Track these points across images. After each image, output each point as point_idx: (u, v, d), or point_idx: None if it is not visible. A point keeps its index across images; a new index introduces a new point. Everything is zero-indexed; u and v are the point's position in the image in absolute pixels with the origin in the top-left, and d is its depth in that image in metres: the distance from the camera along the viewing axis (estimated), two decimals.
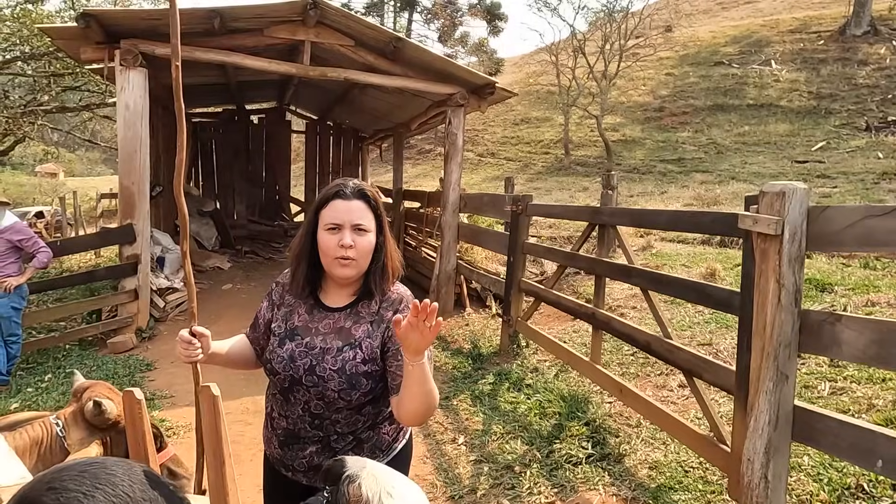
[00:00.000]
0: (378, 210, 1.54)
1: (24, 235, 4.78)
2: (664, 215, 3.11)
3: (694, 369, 2.75)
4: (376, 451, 1.56)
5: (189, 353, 1.48)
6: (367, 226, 1.50)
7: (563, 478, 3.16)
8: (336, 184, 1.55)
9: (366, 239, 1.49)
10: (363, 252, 1.49)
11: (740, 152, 21.78)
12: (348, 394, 1.46)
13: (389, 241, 1.56)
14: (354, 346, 1.48)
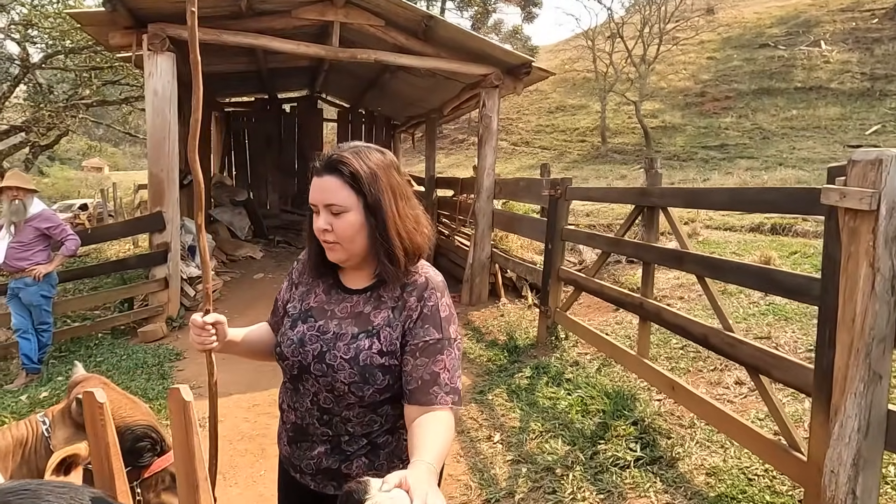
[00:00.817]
0: (358, 185, 1.23)
1: (51, 223, 4.72)
2: (724, 193, 2.78)
3: (761, 366, 2.43)
4: (394, 459, 1.33)
5: (202, 341, 1.35)
6: (342, 205, 1.23)
7: (609, 482, 2.89)
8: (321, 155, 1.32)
9: (344, 221, 1.24)
10: (343, 235, 1.25)
11: (787, 137, 20.82)
12: (360, 388, 1.25)
13: (392, 219, 1.25)
14: (371, 335, 1.26)
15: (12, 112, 16.88)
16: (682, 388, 3.10)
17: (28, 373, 4.76)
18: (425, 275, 1.32)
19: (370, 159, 1.26)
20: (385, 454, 1.33)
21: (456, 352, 1.27)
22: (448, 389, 1.22)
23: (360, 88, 11.11)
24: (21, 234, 4.63)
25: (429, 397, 1.21)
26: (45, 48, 15.50)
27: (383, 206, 1.25)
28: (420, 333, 1.25)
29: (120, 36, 5.65)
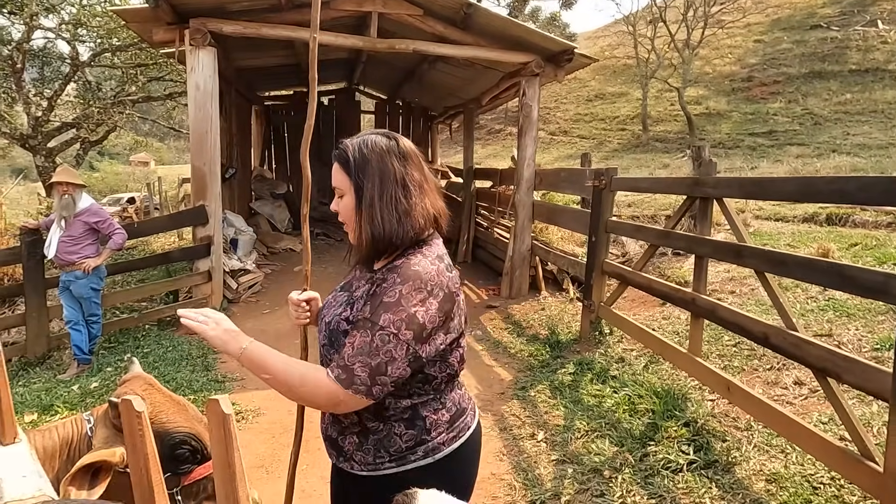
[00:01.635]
0: (348, 168, 1.31)
1: (99, 217, 4.82)
2: (791, 183, 2.59)
3: (831, 368, 2.27)
4: (381, 450, 1.30)
5: (298, 316, 1.51)
6: (340, 187, 1.35)
7: (660, 486, 2.76)
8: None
9: (343, 203, 1.35)
10: (346, 216, 1.36)
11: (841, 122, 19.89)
12: (328, 351, 1.33)
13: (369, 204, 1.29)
14: (349, 304, 1.34)
15: (63, 109, 17.48)
16: (738, 388, 2.94)
17: (79, 363, 4.89)
18: (406, 262, 1.27)
19: (367, 146, 1.33)
20: (374, 441, 1.30)
21: (375, 339, 1.19)
22: (341, 365, 1.19)
23: (397, 79, 11.06)
24: (71, 229, 4.75)
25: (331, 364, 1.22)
26: (94, 46, 15.98)
27: (364, 192, 1.30)
28: (359, 308, 1.28)
29: (163, 32, 5.72)
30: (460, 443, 1.35)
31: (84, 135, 16.67)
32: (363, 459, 1.31)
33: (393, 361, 1.19)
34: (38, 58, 16.15)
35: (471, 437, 1.39)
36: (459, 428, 1.36)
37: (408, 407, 1.29)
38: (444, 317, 1.24)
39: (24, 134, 14.99)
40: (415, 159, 1.37)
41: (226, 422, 0.71)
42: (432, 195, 1.36)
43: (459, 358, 1.36)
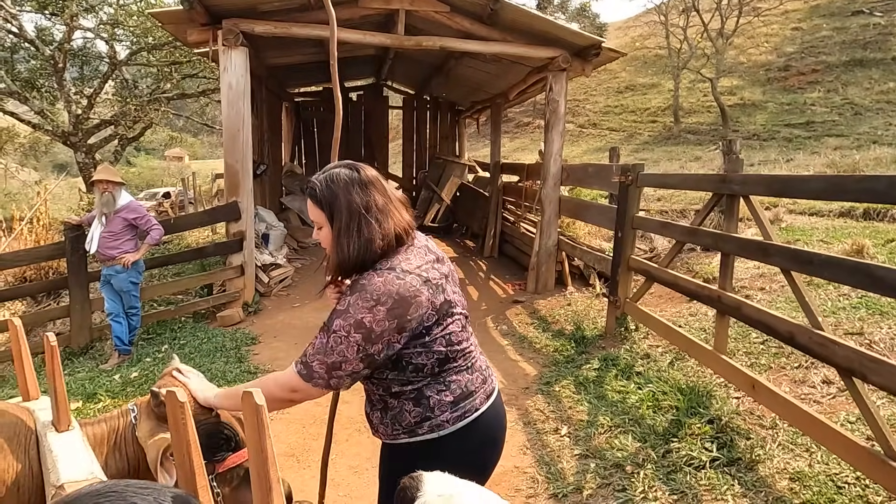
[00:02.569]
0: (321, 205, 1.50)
1: (138, 214, 5.01)
2: (817, 181, 2.57)
3: (857, 369, 2.25)
4: (396, 423, 1.54)
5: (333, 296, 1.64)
6: (317, 221, 1.53)
7: (682, 483, 2.78)
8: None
9: (322, 234, 1.53)
10: (327, 244, 1.53)
11: (883, 112, 19.23)
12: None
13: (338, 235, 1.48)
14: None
15: (102, 107, 18.03)
16: (763, 386, 2.93)
17: (120, 353, 5.11)
18: (360, 278, 1.46)
19: (332, 181, 1.49)
20: (391, 415, 1.54)
21: (330, 341, 1.40)
22: (303, 361, 1.43)
23: (425, 75, 11.12)
24: (111, 225, 4.95)
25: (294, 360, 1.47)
26: (130, 45, 16.44)
27: (334, 225, 1.48)
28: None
29: (197, 33, 5.87)
30: (466, 422, 1.51)
31: (122, 131, 17.17)
32: (385, 431, 1.56)
33: (346, 360, 1.40)
34: (78, 57, 16.69)
35: (479, 418, 1.54)
36: (465, 409, 1.52)
37: (413, 389, 1.50)
38: (394, 319, 1.39)
39: (66, 131, 15.52)
40: (378, 185, 1.52)
41: (259, 412, 0.78)
42: (397, 214, 1.51)
43: (446, 344, 1.48)
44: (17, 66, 16.35)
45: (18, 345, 1.49)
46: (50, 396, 1.41)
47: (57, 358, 1.34)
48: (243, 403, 0.81)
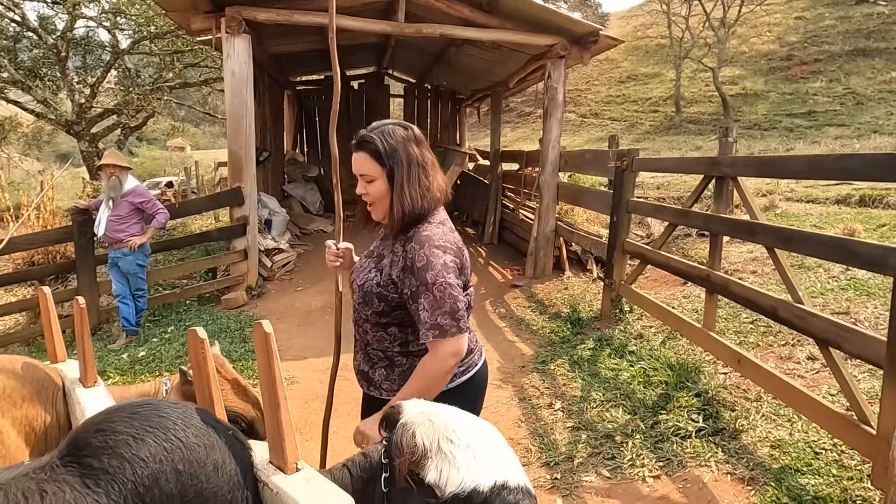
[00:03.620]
0: (380, 158, 1.56)
1: (144, 198, 5.13)
2: (799, 161, 2.67)
3: (832, 339, 2.37)
4: (405, 379, 1.60)
5: (332, 261, 1.79)
6: (370, 174, 1.58)
7: (669, 451, 2.91)
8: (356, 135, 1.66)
9: (374, 186, 1.58)
10: (377, 196, 1.59)
11: (885, 102, 19.22)
12: (364, 308, 1.62)
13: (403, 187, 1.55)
14: (376, 270, 1.62)
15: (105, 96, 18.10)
16: (748, 361, 3.05)
17: (128, 334, 5.24)
18: (418, 231, 1.57)
19: (392, 136, 1.57)
20: (399, 372, 1.63)
21: (436, 293, 1.48)
22: (429, 325, 1.49)
23: (426, 63, 11.17)
24: (118, 209, 5.07)
25: (423, 335, 1.51)
26: (132, 34, 16.49)
27: (396, 176, 1.56)
28: (406, 283, 1.54)
29: (200, 20, 5.96)
30: (468, 376, 1.66)
31: (125, 120, 17.25)
32: (388, 387, 1.65)
33: (456, 298, 1.50)
34: (81, 46, 16.74)
35: (478, 372, 1.70)
36: (468, 364, 1.67)
37: (417, 342, 1.60)
38: (456, 265, 1.55)
39: (69, 120, 15.60)
40: (425, 143, 1.64)
41: (267, 339, 0.90)
42: (440, 173, 1.66)
43: (466, 304, 1.60)
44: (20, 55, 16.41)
45: (48, 311, 1.61)
46: (78, 355, 1.53)
47: (86, 319, 1.46)
48: (254, 331, 0.93)
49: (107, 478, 0.78)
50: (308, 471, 0.94)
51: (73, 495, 0.76)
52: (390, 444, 1.01)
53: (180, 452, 0.83)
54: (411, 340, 1.61)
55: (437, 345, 1.48)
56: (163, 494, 0.79)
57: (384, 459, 1.01)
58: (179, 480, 0.81)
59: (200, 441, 0.86)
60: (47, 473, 0.79)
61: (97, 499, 0.76)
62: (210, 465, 0.85)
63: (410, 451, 0.96)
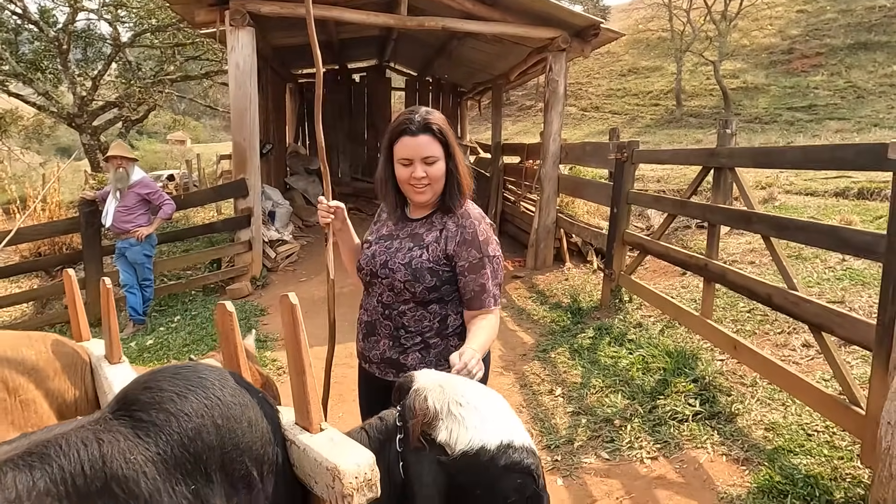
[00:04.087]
0: (444, 137, 1.63)
1: (150, 189, 5.20)
2: (794, 152, 2.75)
3: (825, 324, 2.45)
4: (441, 360, 1.67)
5: (324, 216, 1.78)
6: (435, 155, 1.63)
7: (666, 434, 3.00)
8: (403, 119, 1.65)
9: (436, 167, 1.64)
10: (435, 178, 1.64)
11: (886, 96, 19.24)
12: (412, 285, 1.64)
13: (459, 164, 1.67)
14: (423, 247, 1.66)
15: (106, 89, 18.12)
16: (744, 347, 3.13)
17: (135, 323, 5.33)
18: (466, 208, 1.70)
19: (443, 120, 1.67)
20: (435, 353, 1.69)
21: (495, 265, 1.65)
22: (492, 294, 1.64)
23: (427, 56, 11.21)
24: (125, 200, 5.14)
25: (480, 302, 1.64)
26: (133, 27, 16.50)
27: (453, 156, 1.66)
28: (465, 255, 1.63)
29: (204, 13, 6.01)
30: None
31: (126, 113, 17.28)
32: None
33: (501, 275, 1.68)
34: (82, 39, 16.75)
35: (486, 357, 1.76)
36: None
37: (460, 324, 1.70)
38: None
39: (71, 113, 15.63)
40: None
41: (293, 310, 0.99)
42: None
43: None
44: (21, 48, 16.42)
45: (72, 292, 1.69)
46: (104, 332, 1.61)
47: (111, 298, 1.54)
48: (280, 304, 1.01)
49: (155, 430, 0.86)
50: (332, 431, 1.02)
51: (126, 444, 0.84)
52: (404, 408, 1.09)
53: (219, 409, 0.91)
54: (450, 315, 1.69)
55: (495, 311, 1.64)
56: (205, 446, 0.87)
57: (399, 422, 1.10)
58: (219, 434, 0.89)
59: (236, 400, 0.94)
60: (101, 425, 0.87)
61: (147, 447, 0.85)
62: (245, 422, 0.93)
63: (423, 414, 1.04)
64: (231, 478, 0.90)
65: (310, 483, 0.96)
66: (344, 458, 0.92)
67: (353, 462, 0.92)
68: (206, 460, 0.87)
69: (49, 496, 0.78)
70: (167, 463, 0.85)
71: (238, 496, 0.91)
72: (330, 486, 0.91)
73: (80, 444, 0.82)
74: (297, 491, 1.00)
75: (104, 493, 0.80)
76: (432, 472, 1.02)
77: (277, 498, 0.96)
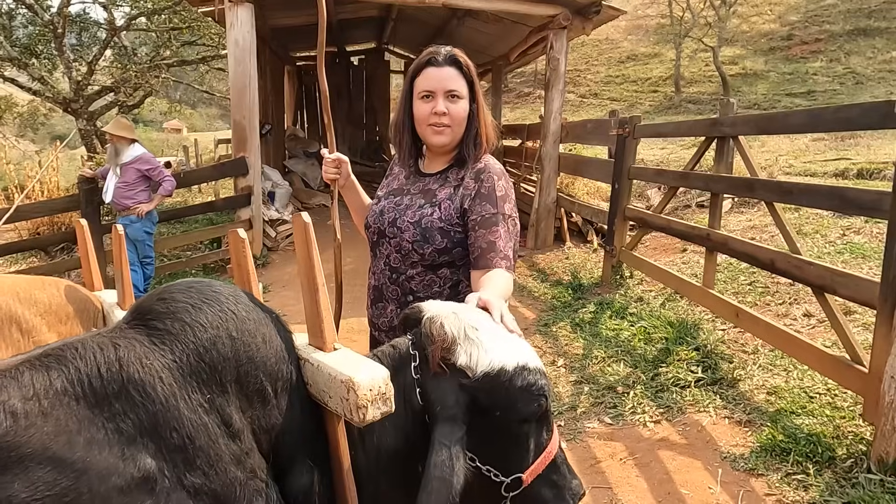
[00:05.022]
0: (471, 76, 1.52)
1: (150, 165, 5.16)
2: (797, 115, 2.74)
3: (828, 284, 2.46)
4: None
5: (328, 170, 1.64)
6: (460, 92, 1.50)
7: (669, 399, 3.02)
8: (429, 51, 1.54)
9: (459, 106, 1.50)
10: (457, 119, 1.51)
11: (885, 82, 19.20)
12: (421, 246, 1.51)
13: (482, 109, 1.54)
14: (434, 205, 1.53)
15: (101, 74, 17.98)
16: (746, 314, 3.15)
17: None
18: (485, 162, 1.56)
19: (469, 61, 1.54)
20: None
21: (510, 226, 1.49)
22: (502, 255, 1.45)
23: (426, 38, 11.12)
24: (125, 175, 5.11)
25: (487, 261, 1.46)
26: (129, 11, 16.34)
27: (477, 99, 1.54)
28: (478, 209, 1.49)
29: None
30: None
31: (122, 98, 17.17)
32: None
33: (517, 240, 1.52)
34: (77, 23, 16.59)
35: None
36: None
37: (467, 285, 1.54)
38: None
39: (67, 98, 15.52)
40: None
41: (306, 228, 0.99)
42: None
43: None
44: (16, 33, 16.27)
45: (84, 243, 1.69)
46: (116, 280, 1.60)
47: (124, 245, 1.53)
48: (294, 222, 1.01)
49: (171, 338, 0.86)
50: (346, 350, 1.02)
51: (142, 349, 0.84)
52: (419, 336, 1.09)
53: (233, 322, 0.91)
54: (462, 281, 1.55)
55: (510, 275, 1.47)
56: (220, 356, 0.87)
57: (412, 350, 1.10)
58: (234, 346, 0.89)
59: (250, 316, 0.94)
60: (118, 333, 0.87)
61: (163, 354, 0.85)
62: (259, 337, 0.93)
63: (441, 339, 1.04)
64: (246, 391, 0.90)
65: (324, 399, 0.96)
66: (359, 372, 0.92)
67: (368, 375, 0.92)
68: (221, 371, 0.87)
69: (66, 395, 0.77)
70: (183, 371, 0.85)
71: (252, 409, 0.91)
72: (344, 398, 0.91)
73: (96, 348, 0.82)
74: (313, 410, 1.00)
75: (120, 395, 0.80)
76: (454, 395, 1.02)
77: (292, 414, 0.96)
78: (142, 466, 0.76)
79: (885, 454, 2.09)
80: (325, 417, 1.00)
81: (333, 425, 0.98)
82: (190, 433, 0.80)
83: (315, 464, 0.97)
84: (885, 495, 2.03)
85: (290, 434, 0.95)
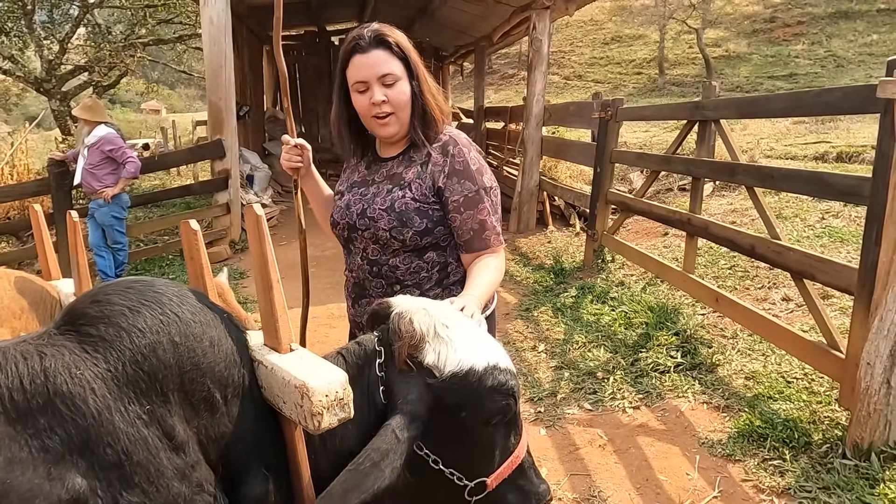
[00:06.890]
0: (403, 53, 1.38)
1: (113, 146, 4.94)
2: (780, 99, 2.71)
3: (806, 270, 2.45)
4: None
5: (290, 158, 1.50)
6: (396, 73, 1.37)
7: (648, 385, 3.01)
8: (352, 36, 1.40)
9: (397, 89, 1.38)
10: (399, 104, 1.39)
11: (865, 65, 19.34)
12: (400, 231, 1.40)
13: (425, 84, 1.41)
14: (404, 187, 1.43)
15: (75, 53, 17.46)
16: (725, 298, 3.14)
17: None
18: (449, 134, 1.46)
19: (403, 37, 1.41)
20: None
21: (493, 198, 1.44)
22: (496, 231, 1.43)
23: (409, 17, 10.93)
24: (91, 157, 4.93)
25: (482, 242, 1.42)
26: None
27: (417, 75, 1.40)
28: (458, 189, 1.40)
29: None
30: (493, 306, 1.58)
31: (97, 78, 16.71)
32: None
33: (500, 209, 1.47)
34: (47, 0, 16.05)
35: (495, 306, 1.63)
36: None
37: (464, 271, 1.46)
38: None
39: (38, 77, 15.06)
40: None
41: (259, 221, 0.92)
42: None
43: None
44: None
45: (39, 230, 1.60)
46: (72, 269, 1.52)
47: (80, 234, 1.45)
48: (245, 215, 0.94)
49: (105, 345, 0.79)
50: (302, 351, 0.96)
51: (72, 358, 0.77)
52: (386, 332, 1.04)
53: (176, 326, 0.84)
54: (451, 262, 1.47)
55: (499, 249, 1.44)
56: (160, 364, 0.81)
57: (378, 346, 1.04)
58: (177, 352, 0.83)
59: (196, 318, 0.87)
60: (45, 339, 0.80)
61: (96, 363, 0.78)
62: (206, 341, 0.87)
63: (409, 336, 0.99)
64: (191, 399, 0.84)
65: (278, 404, 0.91)
66: (314, 376, 0.87)
67: (324, 380, 0.86)
68: (162, 379, 0.81)
69: None
70: (118, 380, 0.78)
71: (199, 418, 0.85)
72: (298, 404, 0.85)
73: (19, 357, 0.75)
74: (267, 414, 0.94)
75: (46, 409, 0.73)
76: (418, 392, 0.97)
77: (244, 421, 0.91)
78: (70, 487, 0.70)
79: (860, 439, 2.09)
80: (281, 422, 0.94)
81: (291, 430, 0.93)
82: (126, 448, 0.74)
83: (270, 471, 0.92)
84: (860, 480, 2.04)
85: (243, 442, 0.89)
